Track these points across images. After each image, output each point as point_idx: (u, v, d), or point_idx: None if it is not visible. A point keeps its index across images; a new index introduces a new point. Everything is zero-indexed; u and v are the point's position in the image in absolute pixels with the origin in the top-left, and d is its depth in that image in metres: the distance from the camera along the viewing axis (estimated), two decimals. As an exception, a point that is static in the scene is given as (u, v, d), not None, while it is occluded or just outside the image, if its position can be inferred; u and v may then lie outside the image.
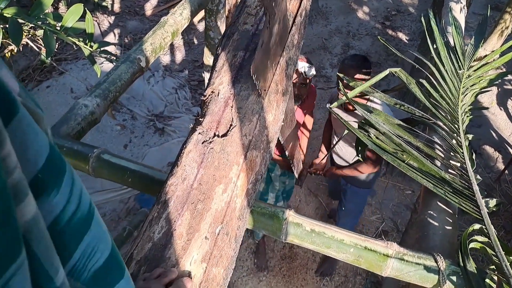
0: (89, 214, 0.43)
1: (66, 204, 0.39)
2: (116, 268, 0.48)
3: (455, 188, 1.20)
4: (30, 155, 0.35)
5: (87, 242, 0.42)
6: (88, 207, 0.43)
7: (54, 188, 0.38)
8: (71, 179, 0.40)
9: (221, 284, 0.87)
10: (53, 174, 0.38)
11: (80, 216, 0.41)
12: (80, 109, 1.42)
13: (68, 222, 0.40)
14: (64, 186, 0.39)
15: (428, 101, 1.51)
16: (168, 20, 1.90)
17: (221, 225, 0.90)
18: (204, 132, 1.02)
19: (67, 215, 0.39)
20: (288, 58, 1.22)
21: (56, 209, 0.38)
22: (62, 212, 0.39)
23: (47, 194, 0.37)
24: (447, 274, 0.98)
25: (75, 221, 0.41)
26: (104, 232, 0.46)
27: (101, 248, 0.45)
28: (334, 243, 1.04)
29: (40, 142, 0.36)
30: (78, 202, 0.41)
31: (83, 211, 0.42)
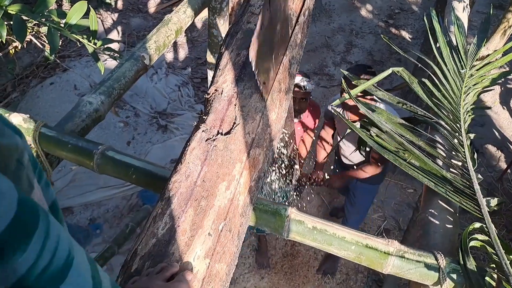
0: (65, 266, 0.42)
1: (36, 261, 0.39)
2: None
3: (456, 187, 1.21)
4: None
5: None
6: (64, 259, 0.42)
7: (18, 250, 0.37)
8: (44, 234, 0.40)
9: (224, 279, 0.88)
10: (18, 236, 0.37)
11: (54, 269, 0.41)
12: (85, 106, 1.44)
13: (38, 277, 0.39)
14: (34, 243, 0.38)
15: (430, 100, 1.52)
16: (172, 18, 1.91)
17: (224, 221, 0.92)
18: (208, 130, 1.04)
19: (36, 271, 0.39)
20: (291, 57, 1.23)
21: (21, 268, 0.38)
22: (30, 269, 0.39)
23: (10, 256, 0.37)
24: (447, 271, 0.99)
25: (48, 274, 0.40)
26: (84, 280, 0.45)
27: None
28: (335, 241, 1.05)
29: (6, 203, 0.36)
30: (51, 257, 0.40)
31: (57, 264, 0.41)
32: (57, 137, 1.26)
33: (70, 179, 3.58)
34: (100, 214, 3.48)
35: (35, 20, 1.81)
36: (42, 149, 1.26)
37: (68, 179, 3.57)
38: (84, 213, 3.46)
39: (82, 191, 3.54)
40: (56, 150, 1.26)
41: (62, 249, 0.42)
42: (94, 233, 3.35)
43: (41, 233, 0.39)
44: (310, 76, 2.23)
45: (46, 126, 1.29)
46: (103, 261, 2.66)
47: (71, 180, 3.58)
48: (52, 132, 1.27)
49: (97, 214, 3.48)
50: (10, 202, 0.36)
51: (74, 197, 3.51)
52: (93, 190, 3.57)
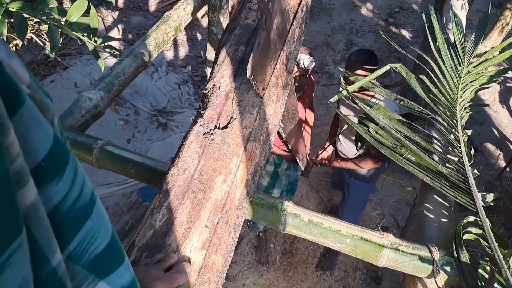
0: (91, 203, 0.45)
1: (67, 192, 0.41)
2: (116, 254, 0.50)
3: (452, 181, 1.22)
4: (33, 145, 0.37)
5: (87, 229, 0.44)
6: (89, 197, 0.44)
7: (56, 177, 0.40)
8: (74, 169, 0.42)
9: (220, 270, 0.89)
10: (56, 164, 0.40)
11: (81, 205, 0.43)
12: (84, 102, 1.45)
13: (69, 209, 0.42)
14: (66, 175, 0.41)
15: (428, 97, 1.53)
16: (171, 15, 1.92)
17: (221, 214, 0.93)
18: (205, 124, 1.05)
19: (68, 203, 0.41)
20: (289, 53, 1.24)
21: (57, 197, 0.40)
22: (63, 200, 0.41)
23: (49, 182, 0.39)
24: (441, 264, 1.00)
25: (76, 208, 0.42)
26: (105, 221, 0.48)
27: (101, 235, 0.46)
28: (331, 234, 1.06)
29: (44, 133, 0.38)
30: (79, 191, 0.43)
31: (84, 200, 0.43)
32: (56, 131, 1.27)
33: (70, 176, 3.59)
34: (100, 211, 3.50)
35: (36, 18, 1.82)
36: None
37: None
38: (84, 210, 3.48)
39: (82, 188, 3.56)
40: (56, 144, 1.27)
41: (87, 187, 0.44)
42: (94, 230, 3.36)
43: (71, 168, 0.41)
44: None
45: (45, 121, 1.30)
46: (103, 257, 2.68)
47: (71, 177, 3.59)
48: (51, 127, 1.28)
49: (97, 211, 3.49)
50: (49, 133, 0.38)
51: (74, 195, 3.52)
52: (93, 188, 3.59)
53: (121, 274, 0.50)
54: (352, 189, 2.75)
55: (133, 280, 0.53)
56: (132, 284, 0.53)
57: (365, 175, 2.57)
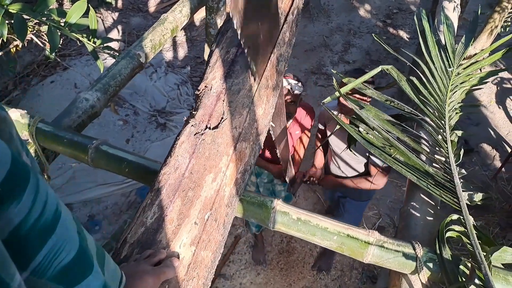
0: (54, 219, 0.46)
1: (28, 212, 0.43)
2: (84, 264, 0.52)
3: (438, 181, 1.25)
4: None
5: (52, 243, 0.46)
6: (53, 213, 0.46)
7: (15, 200, 0.41)
8: (34, 189, 0.43)
9: (209, 266, 0.92)
10: (14, 187, 0.41)
11: (44, 221, 0.45)
12: (81, 103, 1.48)
13: (31, 227, 0.43)
14: (26, 196, 0.42)
15: (417, 98, 1.56)
16: (168, 17, 1.96)
17: (210, 211, 0.96)
18: (197, 125, 1.08)
19: (29, 222, 0.43)
20: (279, 55, 1.27)
21: (17, 218, 0.42)
22: (24, 220, 0.42)
23: (8, 205, 0.40)
24: (424, 260, 1.03)
25: (39, 226, 0.44)
26: (71, 233, 0.49)
27: (67, 248, 0.48)
28: (318, 231, 1.09)
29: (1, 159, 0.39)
30: (41, 209, 0.44)
31: (47, 217, 0.45)
32: (53, 132, 1.31)
33: (70, 176, 3.63)
34: (99, 210, 3.53)
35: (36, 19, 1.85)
36: (39, 143, 1.30)
37: (67, 176, 3.62)
38: (84, 210, 3.51)
39: (82, 188, 3.59)
40: (53, 144, 1.31)
41: (51, 203, 0.45)
42: (93, 230, 3.40)
43: (32, 187, 0.43)
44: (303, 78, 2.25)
45: (43, 122, 1.34)
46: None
47: (71, 177, 3.63)
48: (48, 127, 1.32)
49: (96, 211, 3.53)
50: (5, 157, 0.40)
51: (73, 194, 3.55)
52: (92, 187, 3.62)
53: (90, 282, 0.52)
54: (349, 208, 2.70)
55: (103, 286, 0.55)
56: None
57: (364, 193, 2.50)
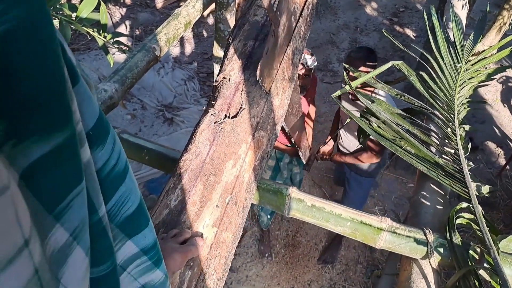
0: (125, 170, 0.51)
1: (108, 158, 0.47)
2: (142, 217, 0.56)
3: (447, 171, 1.29)
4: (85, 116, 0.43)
5: (121, 192, 0.50)
6: (124, 164, 0.51)
7: (100, 145, 0.46)
8: (113, 140, 0.48)
9: (229, 247, 0.97)
10: (100, 134, 0.46)
11: (118, 170, 0.49)
12: (100, 94, 1.53)
13: (108, 173, 0.48)
14: (108, 144, 0.47)
15: (427, 92, 1.60)
16: (182, 12, 2.00)
17: (231, 195, 1.00)
18: (216, 114, 1.12)
19: (108, 168, 0.47)
20: (295, 48, 1.32)
21: (100, 161, 0.46)
22: (104, 165, 0.47)
23: (95, 148, 0.45)
24: (434, 246, 1.07)
25: (114, 173, 0.49)
26: (135, 187, 0.54)
27: (132, 199, 0.53)
28: (332, 217, 1.13)
29: (93, 106, 0.44)
30: (117, 158, 0.49)
31: (120, 166, 0.49)
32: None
33: (80, 168, 3.68)
34: (107, 203, 3.58)
35: (48, 13, 1.89)
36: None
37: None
38: (93, 202, 3.56)
39: (91, 180, 3.64)
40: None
41: (123, 156, 0.50)
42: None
43: (111, 138, 0.47)
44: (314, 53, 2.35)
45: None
46: (111, 246, 2.75)
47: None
48: (70, 116, 1.36)
49: (105, 203, 3.57)
50: (96, 108, 0.44)
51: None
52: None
53: (146, 235, 0.56)
54: (352, 184, 2.82)
55: (155, 242, 0.59)
56: (155, 245, 0.59)
57: (366, 170, 2.64)
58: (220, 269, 0.94)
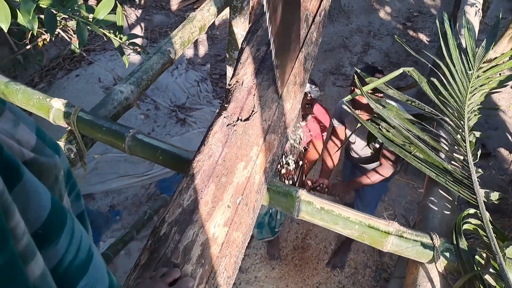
0: (87, 260, 0.48)
1: (64, 254, 0.45)
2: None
3: (456, 177, 1.31)
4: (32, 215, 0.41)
5: (85, 283, 0.48)
6: (86, 254, 0.48)
7: (52, 242, 0.43)
8: (70, 231, 0.46)
9: (240, 246, 1.00)
10: (52, 230, 0.43)
11: (78, 263, 0.47)
12: (116, 95, 1.57)
13: (66, 269, 0.45)
14: (63, 239, 0.44)
15: (437, 98, 1.61)
16: (196, 16, 2.04)
17: (242, 196, 1.04)
18: (229, 116, 1.16)
19: (65, 263, 0.45)
20: (307, 54, 1.34)
21: (54, 259, 0.44)
22: (60, 261, 0.45)
23: (46, 246, 0.43)
24: (441, 250, 1.09)
25: (73, 267, 0.46)
26: (102, 274, 0.51)
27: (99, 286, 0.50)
28: (341, 220, 1.16)
29: (42, 201, 0.42)
30: (76, 250, 0.46)
31: (80, 258, 0.47)
32: (93, 120, 1.40)
33: (93, 167, 3.75)
34: (119, 201, 3.64)
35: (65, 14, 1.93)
36: (79, 131, 1.40)
37: (90, 167, 3.74)
38: (105, 200, 3.63)
39: (104, 179, 3.71)
40: (92, 132, 1.40)
41: (84, 245, 0.48)
42: (113, 219, 3.52)
43: (68, 229, 0.45)
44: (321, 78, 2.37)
45: (83, 111, 1.43)
46: (122, 244, 2.79)
47: (94, 168, 3.75)
48: (88, 116, 1.41)
49: (117, 201, 3.64)
50: (46, 203, 0.42)
51: (95, 184, 3.67)
52: (114, 178, 3.74)
53: None
54: (365, 190, 2.81)
55: None
56: None
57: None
58: (231, 268, 0.97)
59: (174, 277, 0.85)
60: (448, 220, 1.25)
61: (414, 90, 4.26)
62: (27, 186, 0.39)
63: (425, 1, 6.17)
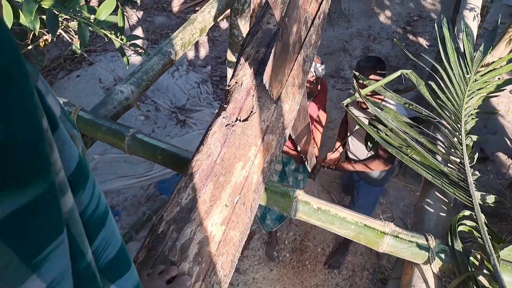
0: (105, 214, 0.52)
1: (88, 202, 0.48)
2: (124, 261, 0.56)
3: (452, 180, 1.32)
4: (66, 161, 0.43)
5: (103, 236, 0.51)
6: (104, 208, 0.51)
7: (80, 190, 0.47)
8: (93, 184, 0.49)
9: (237, 245, 1.01)
10: (80, 178, 0.46)
11: (98, 214, 0.50)
12: (117, 95, 1.59)
13: (90, 217, 0.48)
14: (88, 189, 0.48)
15: (435, 102, 1.63)
16: (197, 18, 2.05)
17: (239, 195, 1.05)
18: (228, 117, 1.17)
19: (89, 211, 0.48)
20: (305, 56, 1.36)
21: (81, 205, 0.47)
22: (85, 208, 0.48)
23: (75, 193, 0.46)
24: (436, 251, 1.10)
25: (95, 217, 0.49)
26: (116, 230, 0.54)
27: (113, 243, 0.53)
28: (337, 220, 1.17)
29: (73, 151, 0.45)
30: (97, 202, 0.50)
31: (100, 210, 0.50)
32: (93, 120, 1.41)
33: (92, 167, 3.76)
34: (118, 202, 3.65)
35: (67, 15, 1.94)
36: (79, 130, 1.41)
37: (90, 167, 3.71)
38: (104, 200, 3.63)
39: (103, 179, 3.72)
40: (92, 131, 1.41)
41: (103, 200, 0.51)
42: (112, 220, 3.52)
43: (91, 181, 0.48)
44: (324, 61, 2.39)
45: (83, 110, 1.45)
46: (121, 245, 2.81)
47: (93, 168, 3.76)
48: (88, 116, 1.42)
49: (116, 202, 3.65)
50: (75, 154, 0.45)
51: (95, 184, 3.68)
52: (113, 179, 3.75)
53: (128, 278, 0.57)
54: (362, 192, 2.83)
55: (138, 284, 0.59)
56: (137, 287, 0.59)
57: (375, 178, 2.65)
58: (227, 266, 0.98)
59: (171, 275, 0.87)
60: (444, 222, 1.26)
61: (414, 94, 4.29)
62: (61, 136, 0.42)
63: (425, 5, 6.20)
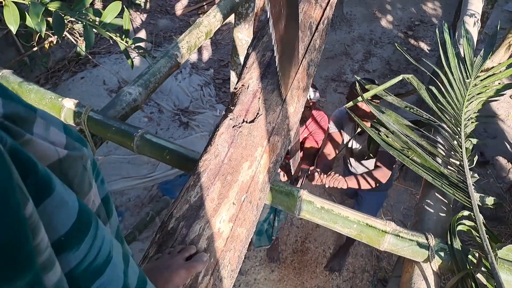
0: (105, 263, 0.51)
1: (84, 257, 0.47)
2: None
3: (452, 181, 1.36)
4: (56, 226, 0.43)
5: (98, 284, 0.50)
6: (105, 257, 0.51)
7: (74, 247, 0.46)
8: (93, 237, 0.48)
9: (243, 241, 1.05)
10: (77, 234, 0.46)
11: (96, 265, 0.49)
12: (125, 96, 1.63)
13: (83, 271, 0.48)
14: (84, 244, 0.47)
15: (435, 105, 1.67)
16: (203, 21, 2.10)
17: (246, 194, 1.09)
18: (235, 118, 1.21)
19: (84, 265, 0.48)
20: (310, 60, 1.40)
21: (74, 261, 0.47)
22: (79, 264, 0.47)
23: (67, 251, 0.45)
24: (436, 250, 1.14)
25: (90, 270, 0.49)
26: (117, 274, 0.54)
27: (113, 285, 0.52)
28: (340, 219, 1.21)
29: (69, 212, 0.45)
30: (96, 254, 0.49)
31: (99, 261, 0.50)
32: (103, 120, 1.45)
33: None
34: (122, 202, 3.69)
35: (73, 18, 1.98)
36: (89, 130, 1.45)
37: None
38: (108, 200, 3.67)
39: (107, 179, 3.72)
40: (102, 131, 1.45)
41: (104, 249, 0.50)
42: (116, 220, 3.56)
43: (90, 236, 0.48)
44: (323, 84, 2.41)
45: (93, 111, 1.49)
46: (125, 245, 2.84)
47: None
48: (98, 116, 1.46)
49: (120, 202, 3.69)
50: (72, 212, 0.45)
51: (99, 185, 3.72)
52: (117, 180, 3.79)
53: None
54: (366, 199, 2.83)
55: None
56: None
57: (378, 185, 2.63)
58: (234, 261, 1.02)
59: (190, 253, 0.92)
60: (443, 221, 1.30)
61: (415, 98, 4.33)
62: (57, 198, 0.42)
63: (426, 10, 6.25)
